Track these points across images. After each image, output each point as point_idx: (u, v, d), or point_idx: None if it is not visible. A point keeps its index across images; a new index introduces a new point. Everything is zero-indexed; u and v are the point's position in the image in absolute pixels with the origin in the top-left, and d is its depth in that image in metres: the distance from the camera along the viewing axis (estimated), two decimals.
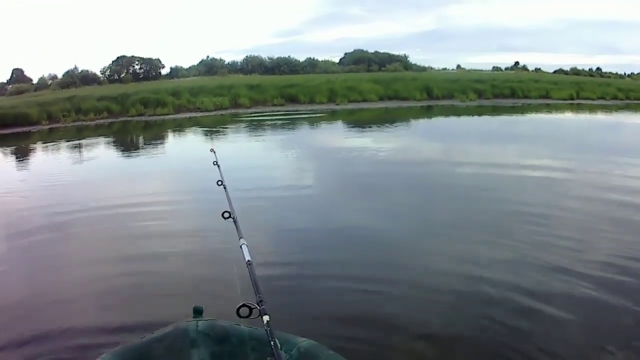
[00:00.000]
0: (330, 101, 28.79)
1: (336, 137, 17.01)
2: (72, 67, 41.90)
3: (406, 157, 12.18)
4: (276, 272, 4.90)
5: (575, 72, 47.46)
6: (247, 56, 49.20)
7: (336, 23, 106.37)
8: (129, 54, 45.22)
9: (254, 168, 10.67)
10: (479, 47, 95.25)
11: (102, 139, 18.35)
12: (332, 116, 24.17)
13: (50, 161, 13.69)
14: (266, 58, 48.97)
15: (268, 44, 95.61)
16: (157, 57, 46.47)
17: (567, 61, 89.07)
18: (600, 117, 24.99)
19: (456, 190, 8.50)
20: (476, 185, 8.79)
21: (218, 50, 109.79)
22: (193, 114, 25.21)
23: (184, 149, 15.63)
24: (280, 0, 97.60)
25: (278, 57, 48.76)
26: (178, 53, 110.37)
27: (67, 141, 17.40)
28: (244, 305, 1.84)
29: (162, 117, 24.43)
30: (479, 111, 26.46)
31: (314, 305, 4.33)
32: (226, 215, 2.74)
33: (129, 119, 24.18)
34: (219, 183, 3.47)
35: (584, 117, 25.20)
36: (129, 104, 25.53)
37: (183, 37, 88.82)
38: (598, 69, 49.91)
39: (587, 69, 49.42)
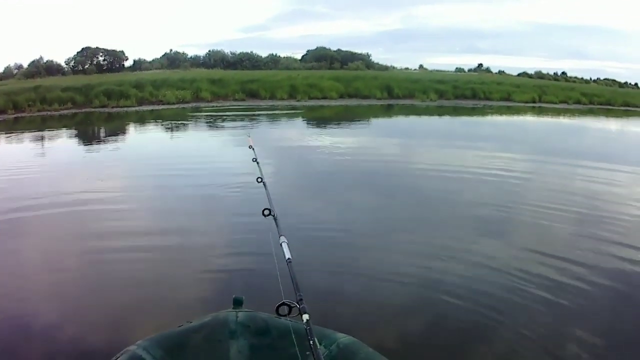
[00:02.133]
0: (290, 97, 30.43)
1: (304, 133, 18.76)
2: (37, 57, 42.86)
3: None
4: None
5: (539, 75, 49.90)
6: (209, 50, 50.35)
7: (302, 20, 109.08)
8: (93, 45, 46.00)
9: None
10: (443, 48, 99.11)
11: (64, 130, 19.52)
12: (294, 112, 25.58)
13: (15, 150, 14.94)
14: (229, 53, 50.24)
15: (233, 39, 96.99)
16: (120, 49, 47.35)
17: (532, 64, 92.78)
18: (558, 120, 27.32)
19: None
20: (429, 183, 9.72)
21: (182, 44, 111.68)
22: (155, 107, 26.72)
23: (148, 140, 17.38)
24: None
25: (240, 52, 50.10)
26: (141, 45, 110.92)
27: (31, 132, 18.55)
28: (283, 303, 1.90)
29: (124, 109, 25.86)
30: (439, 111, 28.40)
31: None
32: (266, 212, 2.78)
33: (93, 110, 25.39)
34: (259, 180, 3.47)
35: (542, 119, 27.47)
36: (92, 95, 26.67)
37: (147, 29, 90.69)
38: (563, 73, 52.66)
39: (552, 72, 52.05)
